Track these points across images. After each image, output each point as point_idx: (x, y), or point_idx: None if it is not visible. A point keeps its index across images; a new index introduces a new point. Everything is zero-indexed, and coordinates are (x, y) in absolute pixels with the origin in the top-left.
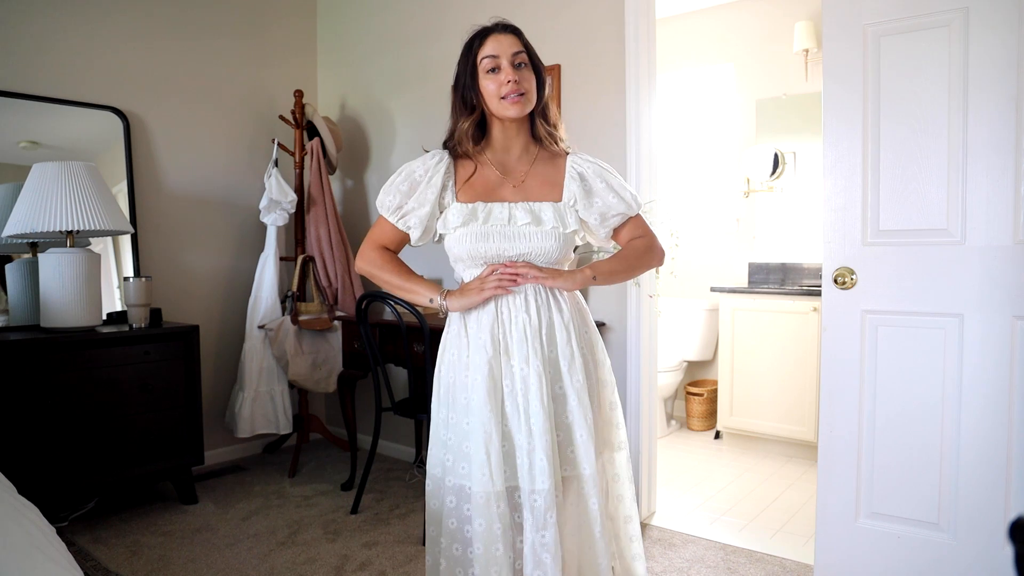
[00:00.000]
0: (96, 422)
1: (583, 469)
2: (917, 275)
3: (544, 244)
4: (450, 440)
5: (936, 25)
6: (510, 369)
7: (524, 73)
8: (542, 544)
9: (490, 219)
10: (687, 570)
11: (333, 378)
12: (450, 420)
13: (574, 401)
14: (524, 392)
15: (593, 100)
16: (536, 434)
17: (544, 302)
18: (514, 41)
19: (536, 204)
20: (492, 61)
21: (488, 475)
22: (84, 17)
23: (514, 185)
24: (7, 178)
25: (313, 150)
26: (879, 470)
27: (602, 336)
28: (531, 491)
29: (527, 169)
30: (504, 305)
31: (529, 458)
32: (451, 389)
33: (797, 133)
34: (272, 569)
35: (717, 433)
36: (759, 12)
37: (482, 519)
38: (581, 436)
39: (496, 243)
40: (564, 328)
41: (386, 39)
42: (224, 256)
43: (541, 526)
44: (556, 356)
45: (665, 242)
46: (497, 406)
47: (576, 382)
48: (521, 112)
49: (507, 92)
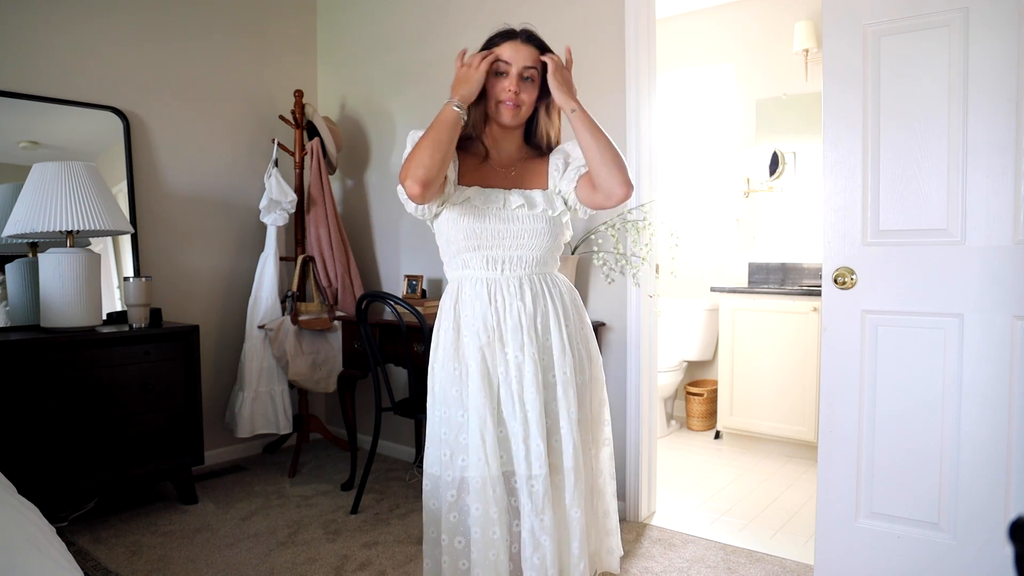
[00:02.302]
0: (96, 422)
1: (564, 461)
2: (917, 275)
3: (536, 226)
4: (446, 435)
5: (936, 25)
6: (504, 356)
7: (527, 86)
8: (541, 527)
9: (487, 202)
10: (687, 570)
11: (333, 378)
12: (445, 416)
13: (560, 392)
14: (519, 379)
15: (593, 100)
16: (532, 420)
17: (540, 291)
18: (531, 55)
19: (528, 191)
20: (503, 66)
21: (484, 460)
22: (84, 17)
23: (507, 175)
24: (7, 178)
25: (313, 150)
26: (879, 470)
27: (602, 336)
28: (528, 476)
29: (518, 163)
30: (499, 292)
31: (525, 444)
32: (445, 385)
33: (797, 133)
34: (272, 569)
35: (717, 433)
36: (759, 12)
37: (479, 503)
38: (564, 429)
39: (492, 224)
40: (557, 319)
41: (386, 39)
42: (224, 256)
43: (540, 510)
44: (550, 345)
45: (665, 242)
46: (491, 392)
47: (563, 374)
48: (511, 121)
49: (505, 99)
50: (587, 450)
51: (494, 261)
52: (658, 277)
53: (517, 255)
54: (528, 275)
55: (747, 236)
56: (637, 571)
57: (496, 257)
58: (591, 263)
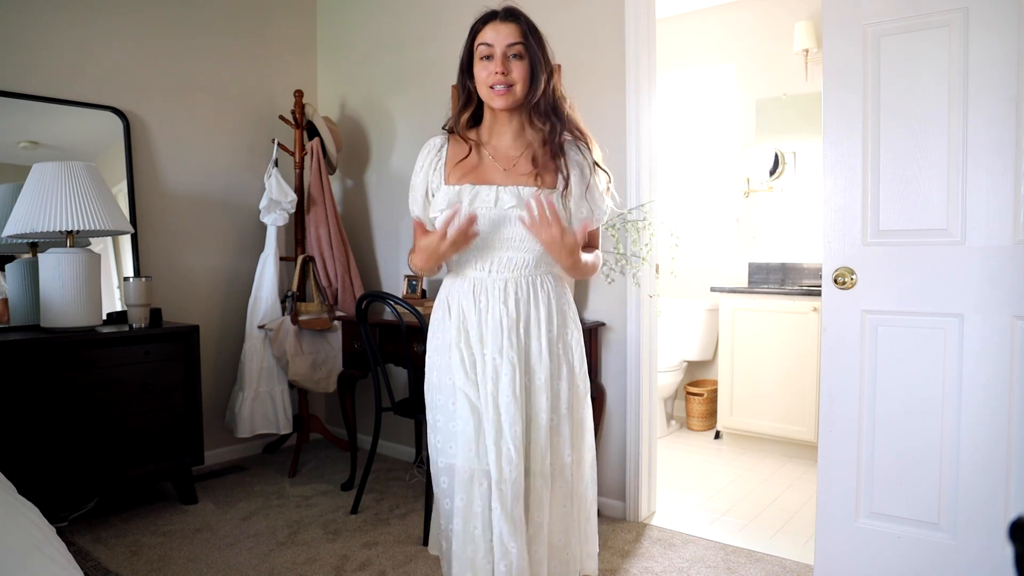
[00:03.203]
0: (96, 422)
1: (533, 465)
2: (917, 275)
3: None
4: (439, 422)
5: (936, 25)
6: (483, 358)
7: (517, 64)
8: (509, 533)
9: (476, 201)
10: (687, 570)
11: (333, 378)
12: (437, 403)
13: (534, 397)
14: (495, 381)
15: (593, 100)
16: (504, 423)
17: (524, 295)
18: (513, 31)
19: (525, 188)
20: (486, 49)
21: (474, 452)
22: (84, 17)
23: (505, 168)
24: (7, 178)
25: (313, 150)
26: (879, 470)
27: (602, 336)
28: (499, 479)
29: (519, 155)
30: (484, 294)
31: (496, 446)
32: (440, 373)
33: (797, 133)
34: (272, 569)
35: (717, 433)
36: (759, 12)
37: (463, 495)
38: (536, 434)
39: (481, 226)
40: (539, 324)
41: (386, 39)
42: (224, 256)
43: (508, 515)
44: (530, 350)
45: (665, 242)
46: (475, 390)
47: (539, 379)
48: (505, 104)
49: (493, 83)
50: (562, 456)
51: (482, 262)
52: (658, 277)
53: (507, 256)
54: (515, 278)
55: (747, 236)
56: (637, 571)
57: (484, 258)
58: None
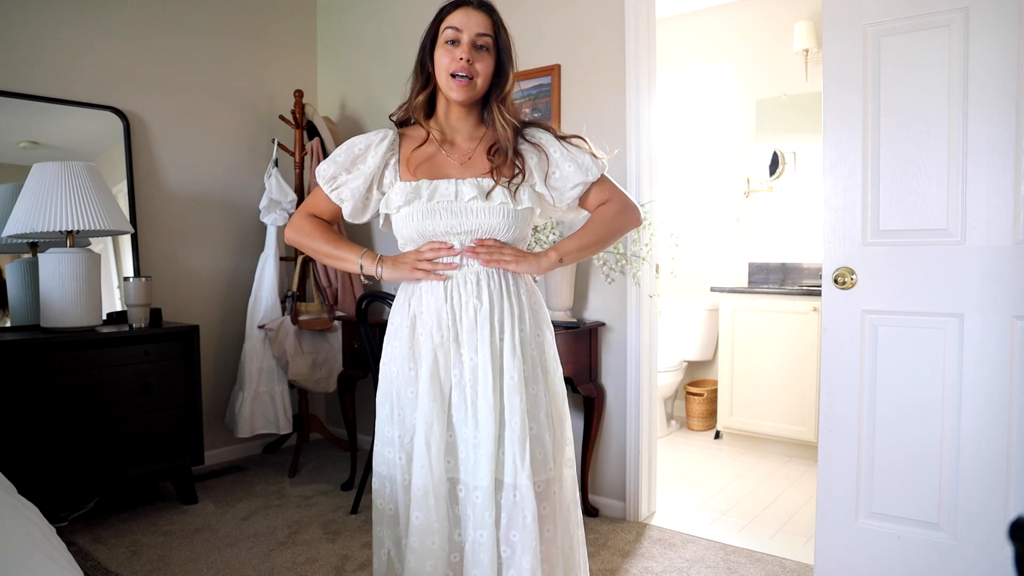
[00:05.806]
0: (96, 422)
1: (505, 476)
2: (917, 275)
3: (492, 220)
4: (401, 437)
5: (936, 25)
6: (459, 358)
7: (482, 56)
8: (480, 543)
9: (435, 196)
10: (687, 570)
11: (333, 378)
12: (395, 417)
13: (506, 400)
14: (473, 383)
15: (593, 100)
16: (484, 427)
17: (497, 288)
18: (484, 21)
19: (485, 180)
20: (453, 33)
21: (428, 466)
22: (84, 17)
23: (461, 163)
24: (7, 178)
25: (313, 150)
26: (879, 470)
27: (602, 336)
28: (473, 487)
29: (474, 147)
30: (455, 290)
31: (474, 452)
32: (400, 386)
33: (797, 133)
34: (272, 569)
35: (717, 433)
36: (759, 12)
37: (419, 512)
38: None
39: (444, 220)
40: (512, 319)
41: (386, 39)
42: (224, 256)
43: (479, 524)
44: (502, 347)
45: (665, 242)
46: (442, 396)
47: (511, 379)
48: (463, 97)
49: (456, 69)
50: (546, 470)
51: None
52: (658, 277)
53: None
54: (487, 271)
55: (747, 236)
56: (637, 571)
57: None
58: (591, 263)
